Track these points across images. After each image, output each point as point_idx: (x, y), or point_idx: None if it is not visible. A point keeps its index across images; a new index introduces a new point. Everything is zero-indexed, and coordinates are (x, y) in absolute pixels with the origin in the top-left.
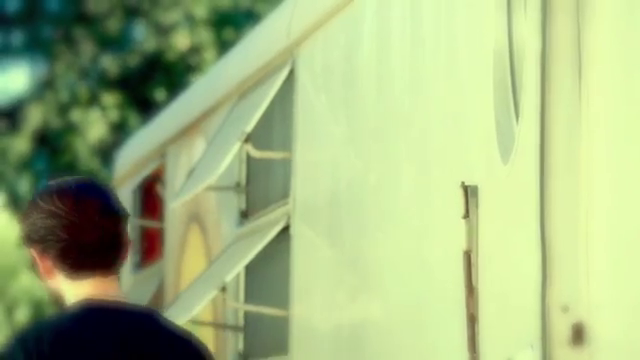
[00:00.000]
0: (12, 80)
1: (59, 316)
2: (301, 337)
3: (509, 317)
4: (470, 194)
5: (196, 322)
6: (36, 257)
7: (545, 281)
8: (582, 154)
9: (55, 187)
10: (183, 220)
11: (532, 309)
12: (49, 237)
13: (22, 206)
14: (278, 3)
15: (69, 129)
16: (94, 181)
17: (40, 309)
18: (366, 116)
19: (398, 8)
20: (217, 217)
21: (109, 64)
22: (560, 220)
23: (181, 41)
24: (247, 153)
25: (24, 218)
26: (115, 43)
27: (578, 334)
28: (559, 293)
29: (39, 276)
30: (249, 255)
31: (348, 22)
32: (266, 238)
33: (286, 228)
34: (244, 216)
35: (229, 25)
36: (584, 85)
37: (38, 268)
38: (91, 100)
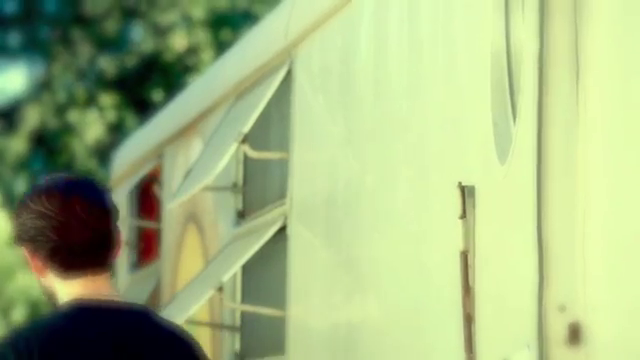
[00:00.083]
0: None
1: (50, 316)
2: (298, 337)
3: (506, 317)
4: (467, 195)
5: (193, 322)
6: (28, 256)
7: (542, 281)
8: (579, 155)
9: (44, 187)
10: (180, 220)
11: (529, 309)
12: (39, 237)
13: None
14: (275, 4)
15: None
16: (83, 178)
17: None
18: (363, 117)
19: (396, 9)
20: (214, 217)
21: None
22: (557, 220)
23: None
24: (244, 153)
25: (15, 218)
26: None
27: (575, 334)
28: (556, 293)
29: (34, 274)
30: (246, 255)
31: (346, 23)
32: (263, 238)
33: (283, 228)
34: (241, 216)
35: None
36: (581, 87)
37: (30, 266)
38: (88, 101)
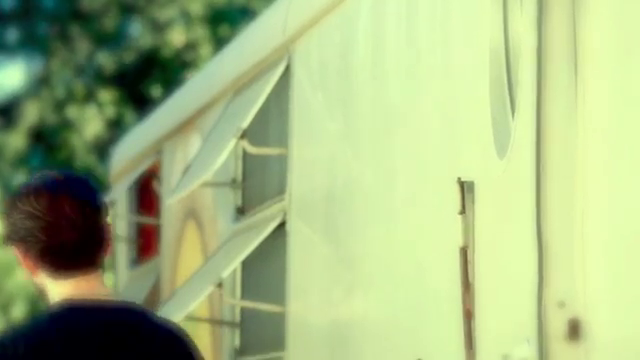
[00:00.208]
0: (7, 76)
1: (39, 317)
2: (297, 333)
3: (505, 313)
4: (466, 190)
5: (192, 318)
6: (19, 256)
7: (541, 277)
8: (578, 150)
9: (32, 187)
10: (179, 216)
11: (528, 305)
12: (29, 238)
13: None
14: (273, 0)
15: (65, 125)
16: (72, 176)
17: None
18: (362, 112)
19: (394, 4)
20: (213, 213)
21: (105, 61)
22: (556, 216)
23: (177, 38)
24: (243, 149)
25: (5, 217)
26: (111, 40)
27: (574, 329)
28: (555, 289)
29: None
30: (245, 251)
31: (344, 18)
32: (262, 234)
33: (282, 224)
34: (240, 212)
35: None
36: (580, 81)
37: (22, 265)
38: (87, 97)
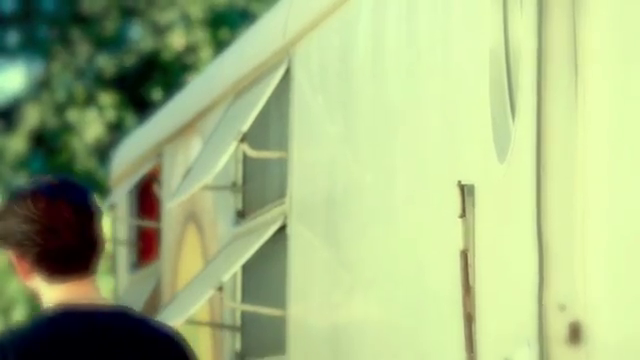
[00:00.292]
0: (8, 80)
1: (31, 322)
2: (298, 337)
3: (506, 316)
4: (466, 193)
5: (193, 322)
6: (14, 259)
7: (542, 280)
8: (578, 153)
9: (29, 191)
10: (180, 220)
11: (529, 308)
12: (25, 242)
13: None
14: (273, 3)
15: (66, 129)
16: (68, 181)
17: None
18: (362, 115)
19: (394, 7)
20: (214, 217)
21: (105, 64)
22: (557, 219)
23: (177, 41)
24: (243, 152)
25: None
26: (111, 43)
27: (575, 333)
28: (556, 292)
29: (9, 277)
30: (246, 255)
31: (344, 21)
32: (263, 238)
33: (283, 227)
34: (241, 216)
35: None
36: (580, 84)
37: (16, 269)
38: (88, 100)
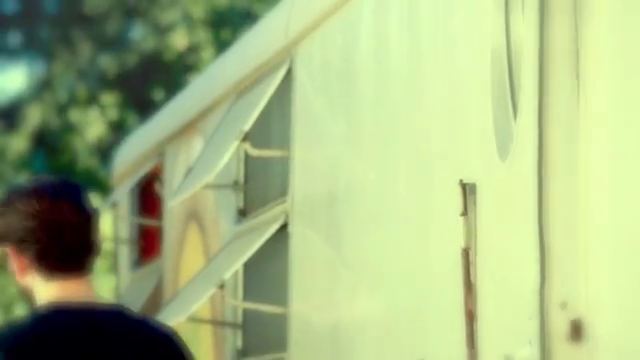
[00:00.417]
0: (10, 80)
1: (23, 320)
2: (299, 334)
3: (507, 314)
4: (468, 192)
5: (194, 319)
6: (12, 256)
7: (543, 278)
8: (580, 151)
9: (32, 189)
10: (181, 218)
11: (530, 306)
12: (27, 238)
13: None
14: (275, 3)
15: (68, 129)
16: (68, 182)
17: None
18: (364, 114)
19: (396, 7)
20: (215, 215)
21: (107, 64)
22: (558, 217)
23: (179, 41)
24: (245, 151)
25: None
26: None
27: (577, 330)
28: (557, 290)
29: (10, 274)
30: (247, 253)
31: (346, 21)
32: (264, 236)
33: (284, 226)
34: (242, 214)
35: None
36: (582, 83)
37: (11, 266)
38: (89, 100)
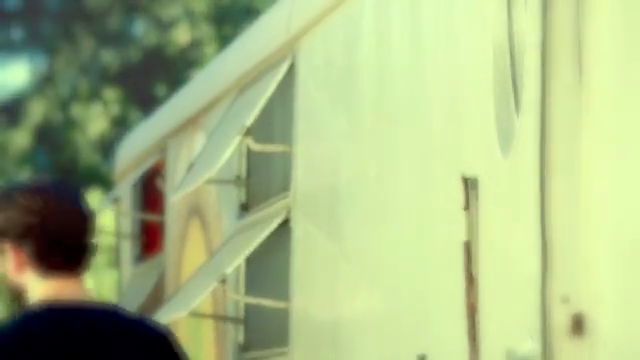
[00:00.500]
0: (12, 75)
1: (17, 318)
2: (301, 329)
3: (509, 308)
4: (470, 186)
5: (196, 314)
6: (9, 251)
7: (545, 272)
8: (582, 146)
9: (34, 186)
10: (183, 213)
11: (532, 300)
12: (28, 234)
13: None
14: None
15: (70, 124)
16: (67, 183)
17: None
18: (366, 109)
19: (398, 2)
20: (217, 210)
21: (110, 59)
22: (560, 211)
23: (181, 36)
24: (247, 146)
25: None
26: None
27: (578, 325)
28: (559, 284)
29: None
30: (249, 247)
31: (348, 16)
32: (266, 231)
33: (286, 221)
34: (244, 209)
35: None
36: (584, 79)
37: (2, 264)
38: (92, 95)
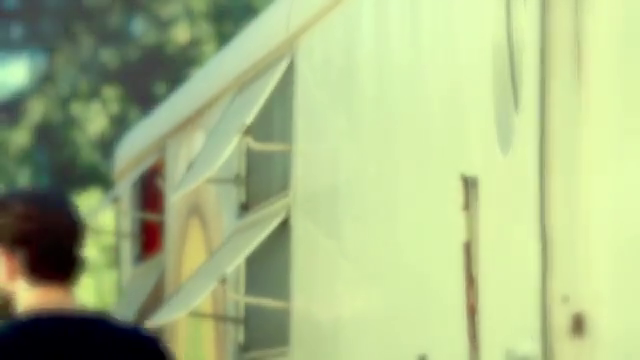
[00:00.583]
0: (12, 73)
1: (6, 326)
2: (301, 328)
3: (509, 308)
4: (470, 186)
5: (196, 314)
6: (1, 258)
7: (545, 272)
8: (582, 145)
9: (28, 193)
10: (183, 213)
11: (532, 300)
12: (23, 240)
13: None
14: None
15: (69, 122)
16: (57, 192)
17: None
18: (366, 108)
19: (397, 0)
20: (217, 209)
21: (109, 58)
22: (560, 211)
23: (181, 35)
24: (247, 145)
25: None
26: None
27: (578, 325)
28: (559, 284)
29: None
30: (249, 247)
31: (347, 14)
32: (266, 230)
33: (286, 220)
34: (244, 208)
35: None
36: (583, 76)
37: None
38: (91, 94)
